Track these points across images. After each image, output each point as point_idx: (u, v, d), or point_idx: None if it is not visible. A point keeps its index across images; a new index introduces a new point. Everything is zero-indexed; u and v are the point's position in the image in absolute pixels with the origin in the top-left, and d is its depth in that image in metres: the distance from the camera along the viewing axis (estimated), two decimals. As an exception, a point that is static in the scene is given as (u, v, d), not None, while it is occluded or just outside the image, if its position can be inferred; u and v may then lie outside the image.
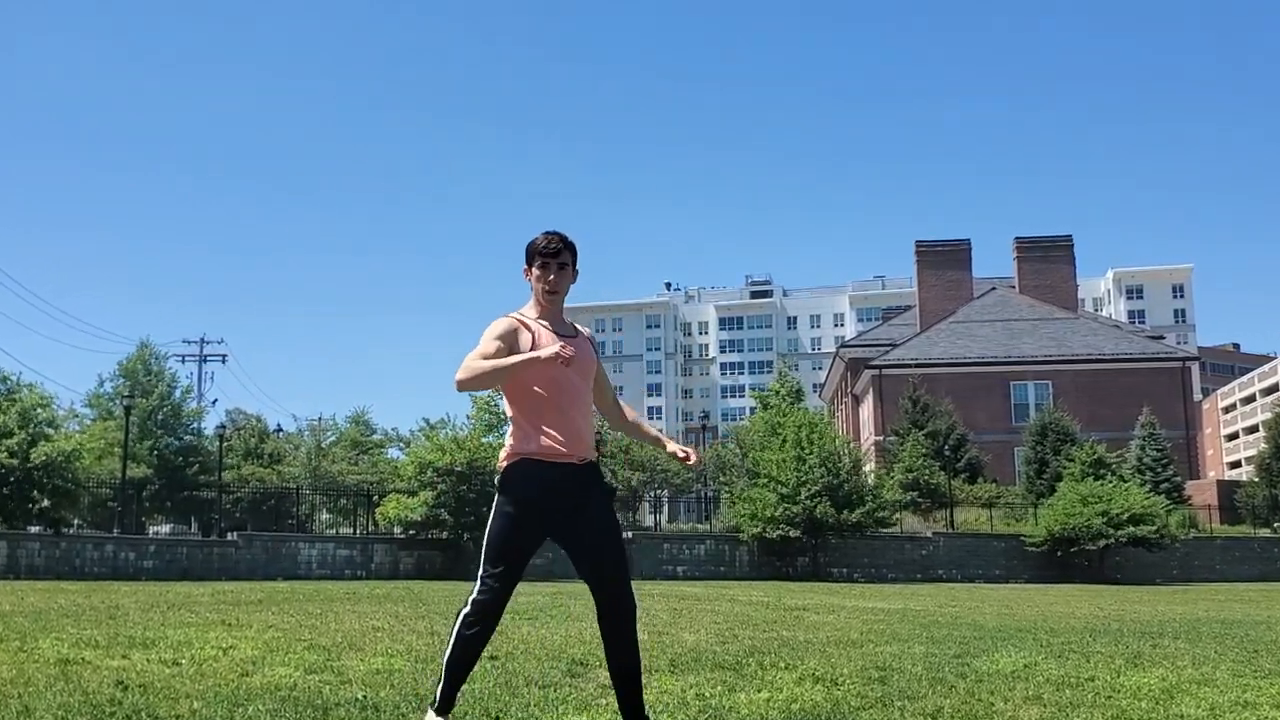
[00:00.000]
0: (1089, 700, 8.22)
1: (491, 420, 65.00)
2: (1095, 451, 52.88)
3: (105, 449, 49.72)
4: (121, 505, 47.71)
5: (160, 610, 17.32)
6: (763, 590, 31.29)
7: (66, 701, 7.22)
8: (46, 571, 38.57)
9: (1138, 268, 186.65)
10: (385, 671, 9.28)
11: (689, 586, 34.66)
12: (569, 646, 11.78)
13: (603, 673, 9.33)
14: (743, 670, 9.81)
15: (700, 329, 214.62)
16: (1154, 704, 8.09)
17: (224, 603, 19.88)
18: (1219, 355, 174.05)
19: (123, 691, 7.80)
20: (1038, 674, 9.89)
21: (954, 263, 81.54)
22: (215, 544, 44.13)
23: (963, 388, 69.30)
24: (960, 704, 7.91)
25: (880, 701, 7.98)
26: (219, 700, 7.41)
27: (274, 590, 26.86)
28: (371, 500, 49.87)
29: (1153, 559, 47.95)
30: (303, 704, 7.22)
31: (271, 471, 67.12)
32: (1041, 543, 46.70)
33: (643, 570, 45.92)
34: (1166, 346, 79.62)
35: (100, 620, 14.85)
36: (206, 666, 9.49)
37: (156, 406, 65.22)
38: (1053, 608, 23.41)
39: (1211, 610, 23.06)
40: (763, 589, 32.35)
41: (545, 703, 7.65)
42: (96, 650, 10.75)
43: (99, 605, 18.57)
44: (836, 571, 46.67)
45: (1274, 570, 49.78)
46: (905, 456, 56.86)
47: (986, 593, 33.47)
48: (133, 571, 40.10)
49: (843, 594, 29.97)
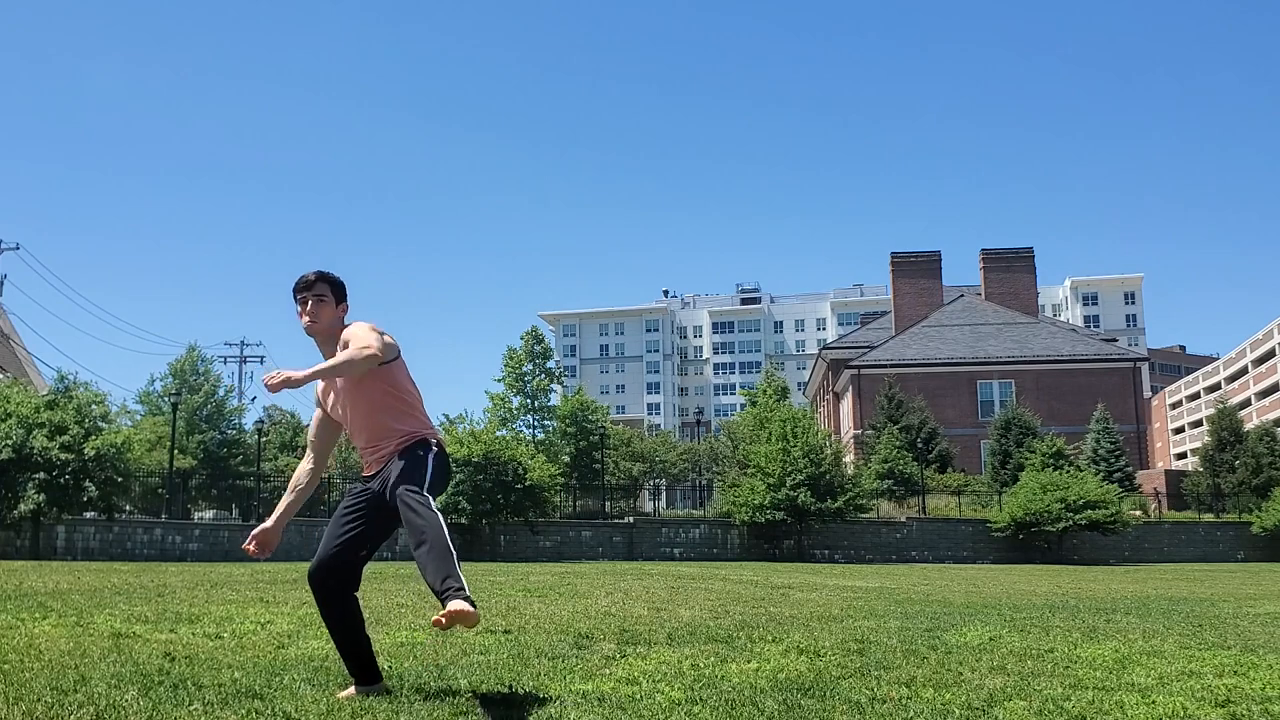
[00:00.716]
0: (1048, 670, 8.21)
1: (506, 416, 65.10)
2: (1054, 444, 52.79)
3: (155, 442, 49.72)
4: (169, 493, 47.71)
5: (204, 589, 17.31)
6: (752, 570, 31.26)
7: (119, 671, 7.22)
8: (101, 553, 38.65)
9: (1093, 276, 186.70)
10: (409, 644, 9.28)
11: (685, 567, 34.64)
12: (575, 621, 11.77)
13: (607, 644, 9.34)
14: (734, 643, 9.80)
15: (695, 333, 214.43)
16: (1108, 673, 8.08)
17: (262, 581, 19.87)
18: (1167, 356, 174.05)
19: (170, 662, 7.80)
20: (1002, 646, 9.88)
21: (926, 272, 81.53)
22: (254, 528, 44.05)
23: (934, 386, 69.35)
24: (932, 673, 7.91)
25: (859, 671, 7.97)
26: (258, 670, 7.41)
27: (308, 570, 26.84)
28: (396, 488, 49.71)
29: (1106, 542, 47.88)
30: (334, 673, 7.23)
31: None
32: (1005, 527, 46.64)
33: (643, 552, 45.95)
34: (1119, 349, 79.54)
35: (149, 598, 14.85)
36: (246, 640, 9.48)
37: (202, 404, 65.17)
38: (1015, 586, 23.40)
39: (1160, 588, 23.05)
40: (752, 569, 32.32)
41: (554, 673, 7.65)
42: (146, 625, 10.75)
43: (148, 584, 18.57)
44: (819, 553, 46.62)
45: (1216, 552, 49.73)
46: (881, 449, 56.83)
47: (955, 572, 33.44)
48: (179, 554, 40.15)
49: (824, 574, 29.94)
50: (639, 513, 54.99)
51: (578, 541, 46.65)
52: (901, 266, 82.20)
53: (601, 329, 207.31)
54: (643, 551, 46.04)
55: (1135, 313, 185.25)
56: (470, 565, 33.31)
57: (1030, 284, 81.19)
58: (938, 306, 79.73)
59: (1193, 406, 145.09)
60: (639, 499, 61.16)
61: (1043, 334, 76.63)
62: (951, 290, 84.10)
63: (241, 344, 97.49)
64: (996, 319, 77.06)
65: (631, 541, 46.72)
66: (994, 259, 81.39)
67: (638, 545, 46.46)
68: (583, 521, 49.45)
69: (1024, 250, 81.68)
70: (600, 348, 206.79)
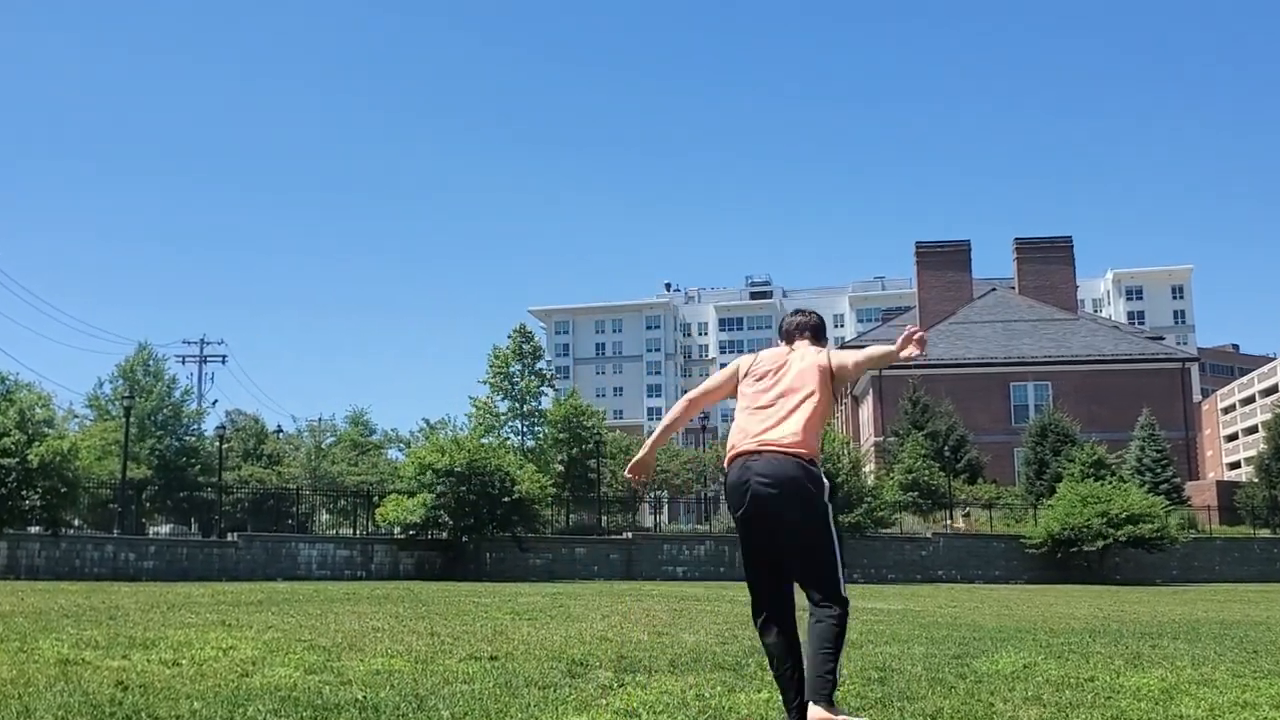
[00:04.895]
0: (1089, 701, 8.23)
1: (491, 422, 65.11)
2: (1095, 452, 52.88)
3: (105, 449, 49.71)
4: (122, 506, 47.66)
5: (160, 611, 17.33)
6: (762, 591, 31.17)
7: (67, 702, 7.23)
8: (47, 572, 38.59)
9: (1137, 269, 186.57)
10: (385, 672, 9.29)
11: (689, 587, 34.67)
12: (569, 647, 11.79)
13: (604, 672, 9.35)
14: (742, 671, 9.82)
15: (700, 330, 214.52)
16: (1153, 704, 8.10)
17: (224, 603, 19.89)
18: (1218, 356, 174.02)
19: (123, 692, 7.80)
20: (1037, 674, 9.90)
21: (954, 264, 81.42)
22: (215, 545, 44.14)
23: (962, 389, 69.30)
24: (960, 705, 7.92)
25: (880, 702, 7.98)
26: (219, 701, 7.41)
27: (274, 591, 26.87)
28: (371, 501, 49.83)
29: (1152, 560, 47.97)
30: (302, 704, 7.23)
31: (271, 472, 67.11)
32: (1041, 543, 46.70)
33: (643, 571, 45.98)
34: (1166, 347, 79.59)
35: (100, 621, 14.86)
36: (206, 667, 9.49)
37: (156, 407, 65.16)
38: (1052, 608, 23.43)
39: (1210, 611, 23.07)
40: (762, 590, 32.24)
41: (545, 703, 7.66)
42: (97, 651, 10.76)
43: (99, 606, 18.58)
44: (836, 572, 46.59)
45: (1273, 571, 49.80)
46: (905, 457, 56.86)
47: (986, 593, 33.48)
48: (133, 572, 40.11)
49: (842, 595, 29.91)
50: (638, 528, 55.00)
51: (571, 559, 46.67)
52: (927, 257, 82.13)
53: (598, 326, 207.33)
54: (642, 570, 46.06)
55: (1184, 308, 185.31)
56: (453, 585, 33.34)
57: (1068, 276, 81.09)
58: (967, 301, 79.69)
59: (1247, 411, 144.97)
60: (638, 513, 61.19)
61: (1082, 331, 76.63)
62: (982, 284, 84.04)
63: (202, 343, 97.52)
64: (1031, 315, 77.04)
65: (630, 559, 46.76)
66: (1029, 249, 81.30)
67: (637, 563, 46.49)
68: (576, 537, 49.49)
69: (1062, 239, 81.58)
70: (596, 346, 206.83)
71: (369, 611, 17.81)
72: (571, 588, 32.04)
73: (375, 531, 48.22)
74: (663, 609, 19.84)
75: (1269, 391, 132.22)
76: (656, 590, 30.78)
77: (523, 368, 66.60)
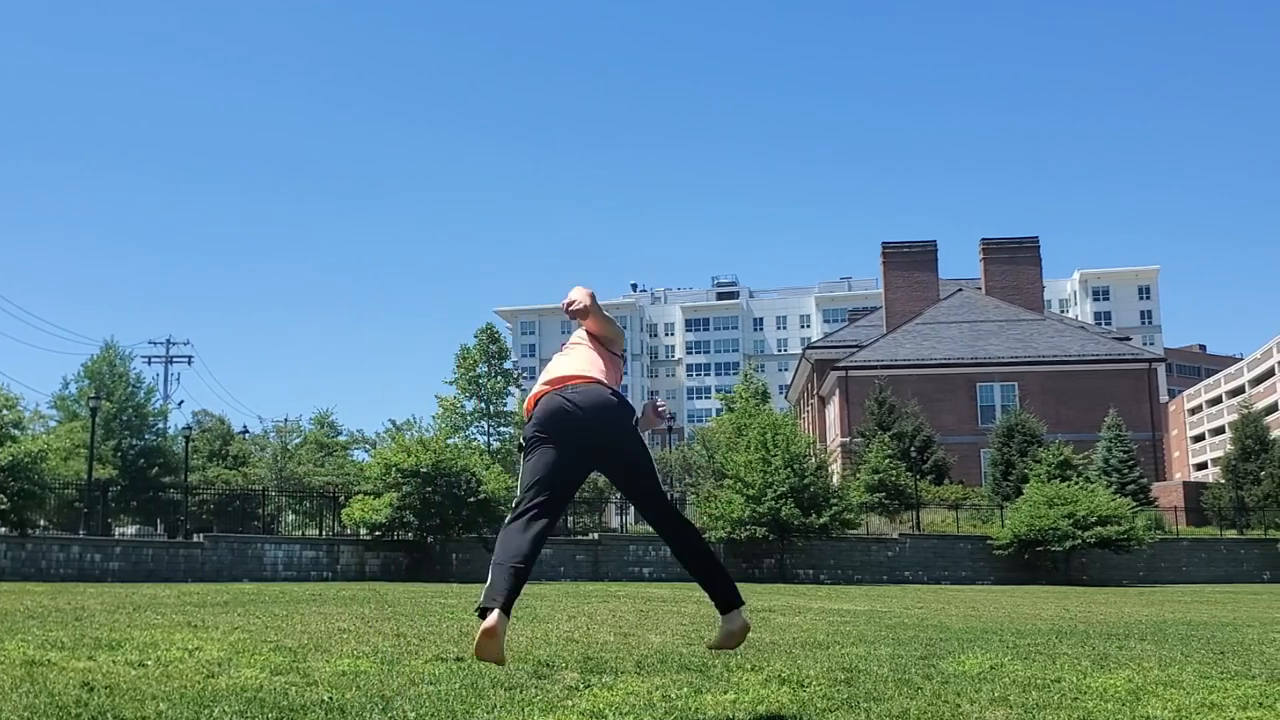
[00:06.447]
0: (1055, 702, 8.26)
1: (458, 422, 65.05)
2: (1061, 453, 53.08)
3: (71, 450, 49.48)
4: (87, 507, 47.44)
5: (126, 612, 17.25)
6: (730, 592, 31.18)
7: (32, 703, 7.20)
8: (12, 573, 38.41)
9: (1104, 269, 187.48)
10: (351, 673, 9.27)
11: (656, 588, 34.65)
12: (535, 648, 11.78)
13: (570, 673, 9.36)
14: (709, 672, 9.82)
15: (666, 330, 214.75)
16: (1120, 705, 8.13)
17: (190, 604, 19.81)
18: (1185, 357, 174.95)
19: (89, 693, 7.77)
20: (1004, 675, 9.92)
21: (920, 264, 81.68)
22: (181, 545, 43.97)
23: (929, 389, 69.54)
24: (926, 705, 7.94)
25: (846, 703, 8.00)
26: (185, 701, 7.39)
27: (240, 592, 26.77)
28: (337, 502, 49.74)
29: (1119, 561, 48.16)
30: (269, 705, 7.21)
31: (237, 473, 66.96)
32: (1008, 544, 46.81)
33: (609, 572, 45.99)
34: (1133, 348, 79.98)
35: (66, 622, 14.79)
36: (172, 668, 9.46)
37: (120, 407, 64.93)
38: (1019, 609, 23.49)
39: (1177, 612, 23.17)
40: (730, 590, 32.25)
41: (511, 704, 7.65)
42: (62, 652, 10.71)
43: (64, 607, 18.50)
44: (803, 573, 46.71)
45: (1240, 572, 50.04)
46: (871, 458, 56.93)
47: (952, 594, 33.55)
48: (99, 573, 39.95)
49: (809, 596, 30.00)
50: (605, 528, 54.93)
51: (537, 560, 46.56)
52: (893, 257, 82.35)
53: (564, 326, 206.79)
54: (609, 571, 46.08)
55: (1151, 309, 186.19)
56: (419, 586, 33.27)
57: (1035, 277, 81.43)
58: (933, 302, 79.95)
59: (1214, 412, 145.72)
60: (605, 513, 61.08)
61: (1049, 332, 76.94)
62: (949, 284, 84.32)
63: (168, 343, 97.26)
64: (998, 315, 77.32)
65: (596, 560, 46.76)
66: (995, 249, 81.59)
67: (603, 564, 46.51)
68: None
69: (1028, 240, 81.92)
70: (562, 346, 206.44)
71: (335, 612, 17.77)
72: (538, 589, 31.99)
73: (341, 532, 48.11)
74: (629, 610, 19.83)
75: (1236, 392, 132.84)
76: (623, 591, 30.76)
77: (489, 368, 66.63)
